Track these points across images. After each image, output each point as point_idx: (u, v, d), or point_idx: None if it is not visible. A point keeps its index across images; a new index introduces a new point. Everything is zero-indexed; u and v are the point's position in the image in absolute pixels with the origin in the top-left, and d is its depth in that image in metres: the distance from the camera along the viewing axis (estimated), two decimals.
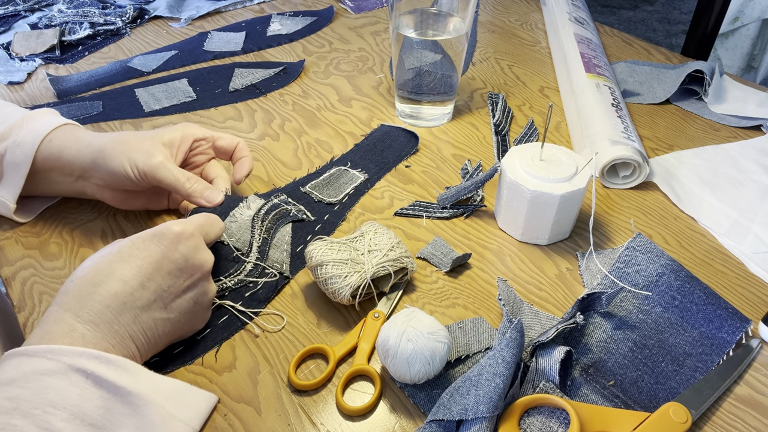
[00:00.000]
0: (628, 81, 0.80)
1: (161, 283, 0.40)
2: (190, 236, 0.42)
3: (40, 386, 0.33)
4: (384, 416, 0.41)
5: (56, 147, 0.52)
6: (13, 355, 0.35)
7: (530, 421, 0.39)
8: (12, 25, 0.96)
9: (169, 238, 0.41)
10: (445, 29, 0.66)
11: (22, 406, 0.32)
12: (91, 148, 0.51)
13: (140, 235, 0.41)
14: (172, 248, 0.41)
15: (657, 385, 0.43)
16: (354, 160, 0.65)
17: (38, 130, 0.52)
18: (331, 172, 0.63)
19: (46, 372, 0.34)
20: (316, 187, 0.61)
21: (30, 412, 0.32)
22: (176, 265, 0.41)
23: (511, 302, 0.46)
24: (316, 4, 1.04)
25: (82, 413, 0.33)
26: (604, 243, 0.55)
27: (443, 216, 0.58)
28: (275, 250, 0.52)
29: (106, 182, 0.52)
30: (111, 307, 0.38)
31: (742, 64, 1.92)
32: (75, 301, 0.38)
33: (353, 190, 0.61)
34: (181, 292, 0.41)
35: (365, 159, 0.65)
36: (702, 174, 0.64)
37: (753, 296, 0.50)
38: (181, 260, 0.41)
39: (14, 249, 0.54)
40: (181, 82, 0.79)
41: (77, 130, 0.54)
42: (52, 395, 0.33)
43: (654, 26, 2.85)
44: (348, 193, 0.60)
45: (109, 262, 0.39)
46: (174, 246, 0.41)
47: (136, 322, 0.39)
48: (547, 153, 0.54)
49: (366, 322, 0.46)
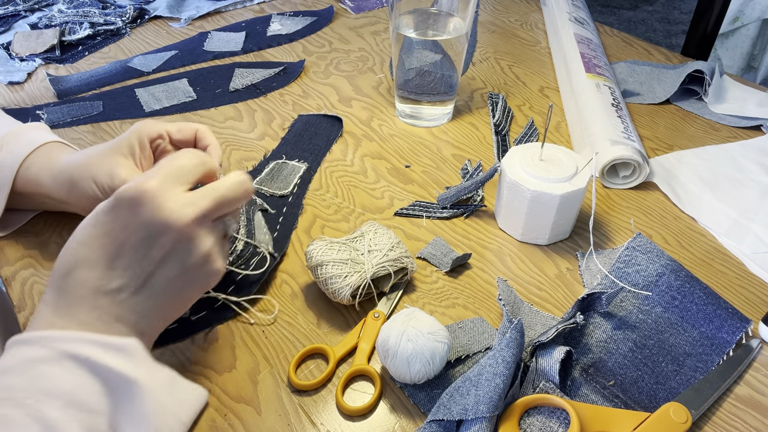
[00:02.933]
0: (628, 81, 0.80)
1: (130, 259, 0.36)
2: (152, 198, 0.36)
3: (33, 374, 0.32)
4: (384, 416, 0.41)
5: (33, 174, 0.50)
6: (13, 343, 0.35)
7: (530, 421, 0.39)
8: (12, 25, 0.96)
9: (126, 206, 0.36)
10: (445, 29, 0.66)
11: (15, 396, 0.32)
12: (63, 176, 0.49)
13: (99, 208, 0.37)
14: (131, 218, 0.36)
15: (657, 385, 0.43)
16: (287, 153, 0.66)
17: (17, 152, 0.50)
18: (271, 167, 0.64)
19: (39, 359, 0.33)
20: (263, 182, 0.62)
21: (23, 402, 0.31)
22: (139, 236, 0.36)
23: (511, 302, 0.46)
24: (316, 4, 1.04)
25: (78, 401, 0.32)
26: (604, 243, 0.55)
27: (443, 216, 0.58)
28: (258, 232, 0.54)
29: (86, 206, 0.48)
30: (84, 296, 0.36)
31: (742, 64, 1.92)
32: (51, 293, 0.36)
33: (300, 180, 0.62)
34: (159, 262, 0.36)
35: (298, 149, 0.67)
36: (702, 174, 0.64)
37: (753, 296, 0.50)
38: (143, 231, 0.36)
39: (14, 249, 0.54)
40: (182, 82, 0.79)
41: (53, 153, 0.51)
42: (46, 383, 0.32)
43: (654, 26, 2.85)
44: (296, 183, 0.62)
45: (73, 249, 0.36)
46: (133, 214, 0.36)
47: (116, 304, 0.36)
48: (547, 153, 0.54)
49: (366, 322, 0.46)
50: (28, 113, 0.72)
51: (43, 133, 0.53)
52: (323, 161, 0.65)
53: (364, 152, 0.67)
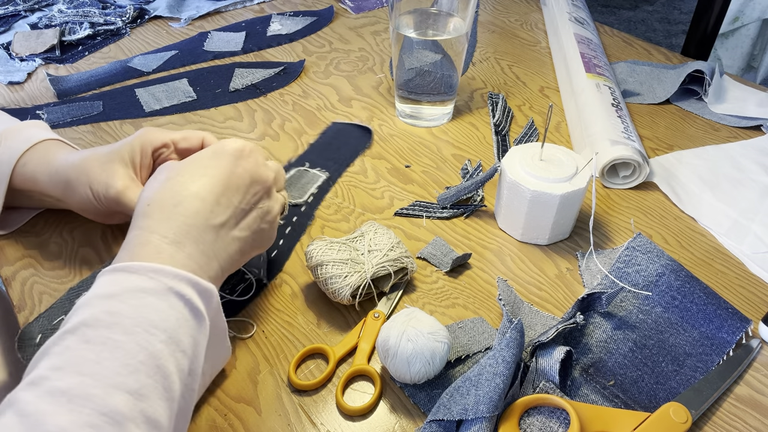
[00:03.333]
0: (628, 81, 0.80)
1: (232, 198, 0.40)
2: (250, 152, 0.42)
3: (141, 304, 0.33)
4: (384, 416, 0.41)
5: (30, 171, 0.50)
6: (112, 270, 0.34)
7: (530, 421, 0.39)
8: (12, 25, 0.96)
9: (231, 154, 0.41)
10: (445, 29, 0.66)
11: (123, 322, 0.32)
12: (59, 176, 0.49)
13: (199, 154, 0.41)
14: (236, 163, 0.41)
15: (657, 385, 0.43)
16: (311, 160, 0.65)
17: (15, 148, 0.50)
18: (291, 174, 0.62)
19: (148, 291, 0.33)
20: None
21: (131, 330, 0.32)
22: (242, 180, 0.41)
23: (511, 302, 0.46)
24: (316, 4, 1.04)
25: (177, 338, 0.33)
26: (604, 243, 0.55)
27: (443, 216, 0.58)
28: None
29: (80, 207, 0.51)
30: (195, 225, 0.38)
31: (742, 64, 1.92)
32: (157, 223, 0.37)
33: (317, 190, 0.61)
34: (249, 209, 0.42)
35: (322, 158, 0.65)
36: (702, 174, 0.64)
37: (753, 296, 0.50)
38: (245, 175, 0.41)
39: (14, 249, 0.54)
40: (182, 82, 0.79)
41: (50, 151, 0.51)
42: (153, 315, 0.33)
43: (654, 26, 2.85)
44: (312, 193, 0.60)
45: (182, 182, 0.39)
46: (237, 161, 0.41)
47: (218, 240, 0.39)
48: (547, 153, 0.54)
49: (366, 322, 0.46)
50: (28, 113, 0.72)
51: (41, 131, 0.53)
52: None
53: (364, 152, 0.67)
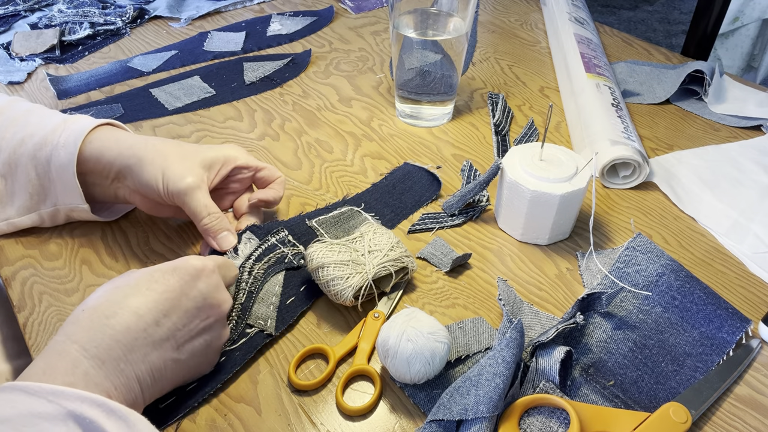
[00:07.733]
0: (628, 81, 0.80)
1: (177, 321, 0.38)
2: (210, 273, 0.40)
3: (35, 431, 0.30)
4: (384, 416, 0.41)
5: (96, 148, 0.50)
6: (12, 389, 0.32)
7: (530, 421, 0.39)
8: (12, 25, 0.96)
9: (189, 274, 0.39)
10: (445, 29, 0.66)
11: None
12: (130, 152, 0.50)
13: (159, 267, 0.39)
14: (192, 284, 0.39)
15: (657, 385, 0.43)
16: (369, 202, 0.59)
17: (80, 130, 0.51)
18: (342, 211, 0.57)
19: (44, 416, 0.31)
20: (323, 223, 0.55)
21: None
22: (194, 303, 0.39)
23: (511, 302, 0.46)
24: (316, 4, 1.04)
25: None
26: (604, 243, 0.55)
27: (455, 224, 0.57)
28: (260, 305, 0.47)
29: (137, 188, 0.51)
30: (121, 342, 0.35)
31: (742, 64, 1.92)
32: (84, 332, 0.35)
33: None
34: (196, 334, 0.39)
35: (381, 202, 0.59)
36: (702, 174, 0.64)
37: (753, 296, 0.50)
38: (199, 298, 0.39)
39: (14, 249, 0.54)
40: (194, 79, 0.80)
41: (118, 131, 0.53)
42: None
43: (654, 26, 2.85)
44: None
45: (124, 294, 0.37)
46: (193, 282, 0.39)
47: (145, 361, 0.36)
48: (547, 153, 0.54)
49: (366, 322, 0.46)
50: None
51: (100, 119, 0.54)
52: (325, 162, 0.65)
53: (364, 152, 0.67)
